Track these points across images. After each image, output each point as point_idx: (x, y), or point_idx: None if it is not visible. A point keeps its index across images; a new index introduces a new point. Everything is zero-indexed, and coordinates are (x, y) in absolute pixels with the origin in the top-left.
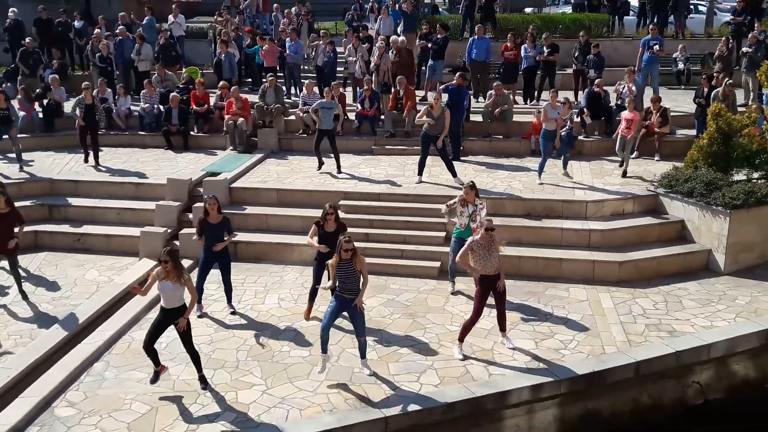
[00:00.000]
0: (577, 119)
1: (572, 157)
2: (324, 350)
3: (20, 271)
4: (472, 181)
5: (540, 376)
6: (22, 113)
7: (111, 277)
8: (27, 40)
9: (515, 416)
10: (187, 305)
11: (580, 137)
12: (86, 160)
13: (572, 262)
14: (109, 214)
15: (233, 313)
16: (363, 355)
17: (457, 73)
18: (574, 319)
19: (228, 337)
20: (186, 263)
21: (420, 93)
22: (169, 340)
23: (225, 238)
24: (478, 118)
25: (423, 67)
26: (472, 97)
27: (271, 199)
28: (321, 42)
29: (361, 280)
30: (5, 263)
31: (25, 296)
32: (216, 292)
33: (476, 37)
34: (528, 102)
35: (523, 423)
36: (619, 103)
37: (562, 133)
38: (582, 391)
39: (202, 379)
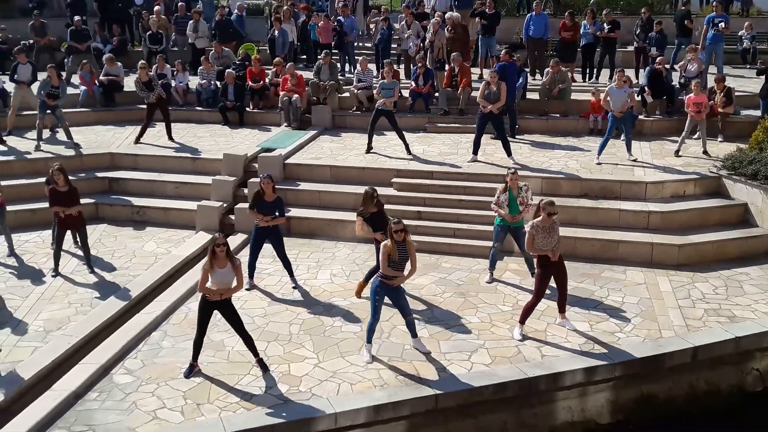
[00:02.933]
0: (638, 98)
1: (632, 137)
2: (368, 340)
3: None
4: (515, 168)
5: (594, 358)
6: (83, 88)
7: (168, 249)
8: (75, 18)
9: (567, 398)
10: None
11: (641, 116)
12: (137, 141)
13: (630, 245)
14: (167, 188)
15: (295, 287)
16: (414, 334)
17: (503, 50)
18: (631, 303)
19: (281, 310)
20: (240, 237)
21: (475, 70)
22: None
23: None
24: (535, 96)
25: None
26: (529, 74)
27: (324, 176)
28: (380, 18)
29: (408, 266)
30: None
31: (92, 270)
32: (270, 266)
33: (534, 13)
34: (587, 80)
35: (576, 405)
36: (682, 81)
37: (623, 113)
38: (637, 375)
39: (261, 363)
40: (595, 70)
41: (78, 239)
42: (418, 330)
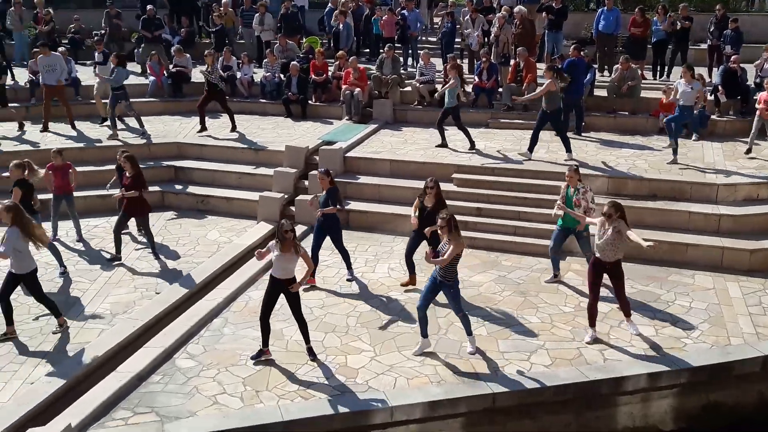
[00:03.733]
0: (710, 97)
1: (704, 138)
2: (423, 333)
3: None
4: (576, 165)
5: (658, 364)
6: (152, 78)
7: (230, 238)
8: (148, 7)
9: (630, 403)
10: (298, 278)
11: (713, 116)
12: (201, 130)
13: (699, 248)
14: (230, 178)
15: (350, 280)
16: (468, 332)
17: (572, 46)
18: (699, 308)
19: (339, 302)
20: (300, 229)
21: (541, 65)
22: (283, 301)
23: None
24: (603, 93)
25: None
26: (597, 71)
27: (384, 170)
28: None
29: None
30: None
31: (157, 256)
32: (329, 258)
33: (605, 8)
34: (657, 77)
35: (638, 411)
36: (758, 81)
37: (695, 112)
38: (703, 382)
39: (310, 351)
40: (666, 67)
41: (140, 226)
42: (476, 327)
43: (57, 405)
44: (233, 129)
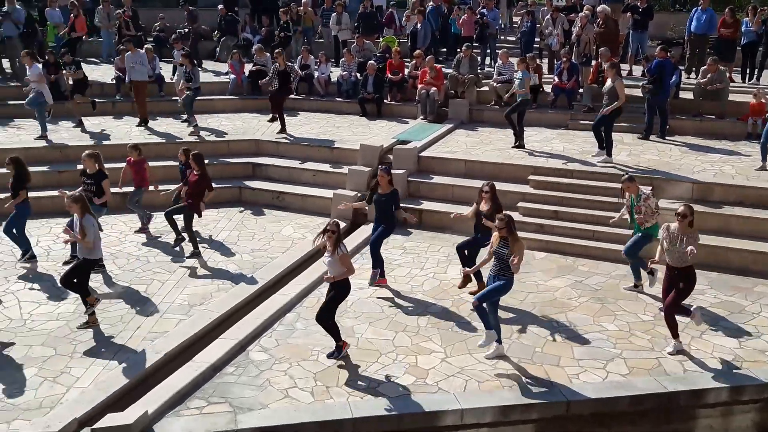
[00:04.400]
0: None
1: None
2: (487, 326)
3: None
4: (631, 175)
5: (741, 377)
6: (232, 76)
7: (304, 234)
8: (220, 7)
9: (710, 417)
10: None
11: None
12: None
13: None
14: (306, 175)
15: (370, 285)
16: (487, 326)
17: (659, 46)
18: None
19: (410, 302)
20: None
21: (624, 66)
22: (354, 299)
23: (394, 211)
24: (689, 95)
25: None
26: (684, 72)
27: (458, 170)
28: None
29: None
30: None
31: (198, 254)
32: (400, 258)
33: (699, 7)
34: (746, 81)
35: (718, 425)
36: None
37: None
38: None
39: (338, 349)
40: (756, 70)
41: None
42: (549, 334)
43: (135, 392)
44: (282, 131)
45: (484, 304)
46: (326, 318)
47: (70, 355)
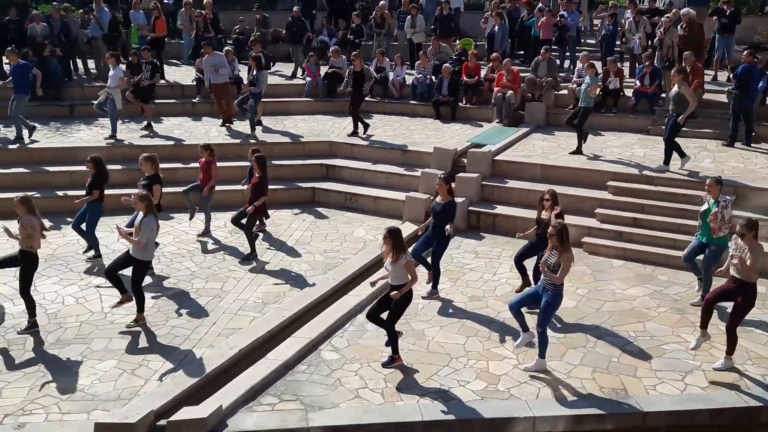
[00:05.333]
0: None
1: None
2: (524, 328)
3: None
4: (719, 176)
5: None
6: (308, 79)
7: (376, 236)
8: (294, 9)
9: None
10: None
11: None
12: (355, 131)
13: None
14: (378, 178)
15: (425, 298)
16: (541, 353)
17: (746, 51)
18: None
19: (482, 307)
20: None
21: (709, 72)
22: (425, 302)
23: (447, 226)
24: None
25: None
26: None
27: (534, 175)
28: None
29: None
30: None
31: (254, 255)
32: (473, 262)
33: None
34: None
35: None
36: None
37: None
38: None
39: (392, 358)
40: None
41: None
42: (626, 344)
43: (209, 386)
44: (364, 131)
45: (523, 309)
46: (389, 326)
47: (148, 348)
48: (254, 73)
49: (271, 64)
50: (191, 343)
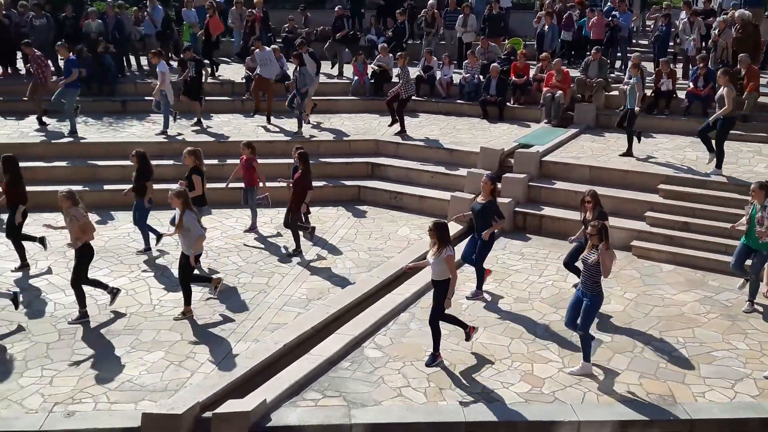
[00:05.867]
0: None
1: None
2: (586, 357)
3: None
4: (765, 181)
5: None
6: (355, 77)
7: (420, 236)
8: (336, 8)
9: None
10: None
11: None
12: (396, 126)
13: None
14: (423, 177)
15: (469, 298)
16: (586, 356)
17: None
18: None
19: (527, 309)
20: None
21: (765, 74)
22: (469, 303)
23: (492, 224)
24: None
25: None
26: None
27: (582, 176)
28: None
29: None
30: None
31: (300, 253)
32: (518, 263)
33: None
34: None
35: None
36: None
37: None
38: None
39: (433, 356)
40: None
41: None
42: (673, 350)
43: (254, 380)
44: (401, 131)
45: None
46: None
47: (195, 340)
48: (297, 70)
49: (318, 63)
50: (237, 337)
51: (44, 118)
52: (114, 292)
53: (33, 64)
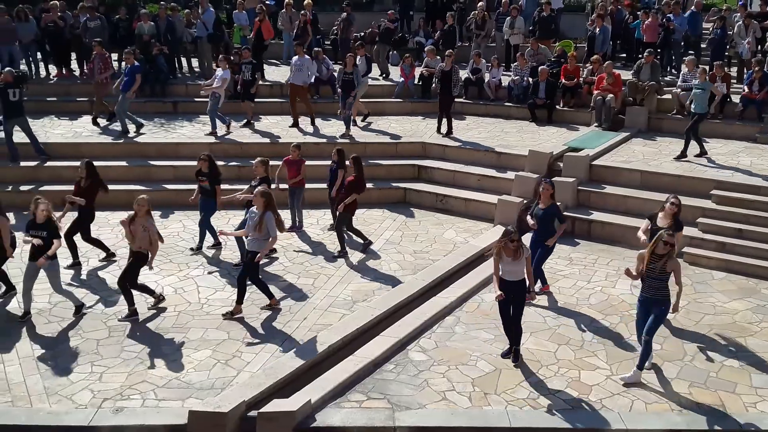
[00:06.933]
0: None
1: None
2: (641, 364)
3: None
4: None
5: None
6: (401, 80)
7: (466, 239)
8: (389, 12)
9: None
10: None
11: None
12: (438, 130)
13: None
14: (470, 180)
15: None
16: (641, 364)
17: None
18: None
19: (574, 315)
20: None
21: None
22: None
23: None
24: None
25: None
26: None
27: (633, 181)
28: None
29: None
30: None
31: (344, 254)
32: (566, 269)
33: None
34: None
35: None
36: None
37: None
38: None
39: (516, 352)
40: None
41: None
42: (723, 360)
43: (299, 380)
44: (448, 133)
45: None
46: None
47: (242, 340)
48: (347, 71)
49: (370, 66)
50: (282, 337)
51: (99, 119)
52: (160, 299)
53: (99, 63)
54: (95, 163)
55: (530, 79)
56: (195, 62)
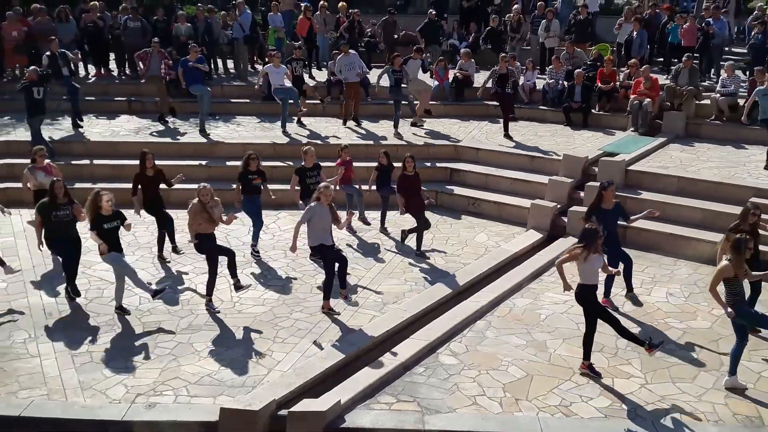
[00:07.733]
0: None
1: None
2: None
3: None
4: None
5: None
6: (435, 82)
7: (498, 243)
8: (430, 11)
9: None
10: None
11: None
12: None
13: None
14: (503, 183)
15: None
16: (733, 370)
17: None
18: None
19: None
20: (571, 241)
21: None
22: (548, 313)
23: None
24: None
25: None
26: None
27: (670, 187)
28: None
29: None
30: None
31: (422, 253)
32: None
33: None
34: None
35: None
36: None
37: None
38: None
39: (591, 368)
40: None
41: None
42: (760, 368)
43: (329, 381)
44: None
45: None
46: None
47: (273, 339)
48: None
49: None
50: (312, 337)
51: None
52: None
53: (160, 60)
54: (132, 163)
55: (565, 83)
56: (230, 63)
